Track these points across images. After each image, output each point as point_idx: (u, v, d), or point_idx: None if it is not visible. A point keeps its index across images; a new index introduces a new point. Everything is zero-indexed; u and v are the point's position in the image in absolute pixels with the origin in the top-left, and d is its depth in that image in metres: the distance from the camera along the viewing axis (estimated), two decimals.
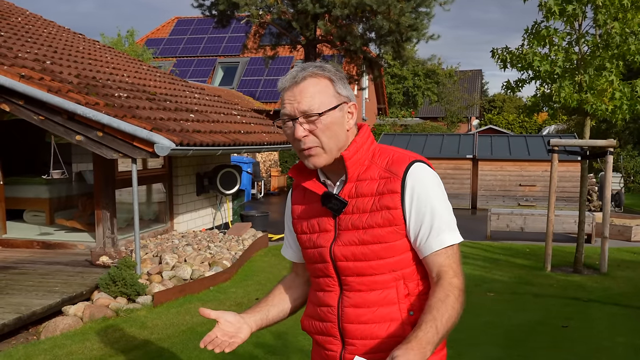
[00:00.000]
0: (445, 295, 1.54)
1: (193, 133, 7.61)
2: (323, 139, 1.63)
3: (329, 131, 1.63)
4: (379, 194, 1.63)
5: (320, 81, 1.64)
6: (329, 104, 1.63)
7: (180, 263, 7.15)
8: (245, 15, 14.71)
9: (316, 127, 1.62)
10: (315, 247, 1.74)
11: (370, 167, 1.67)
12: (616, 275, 7.52)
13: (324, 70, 1.66)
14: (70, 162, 9.37)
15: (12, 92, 6.51)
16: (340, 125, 1.65)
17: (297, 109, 1.62)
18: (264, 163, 19.20)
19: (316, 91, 1.62)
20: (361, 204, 1.65)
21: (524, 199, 14.66)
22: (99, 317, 5.55)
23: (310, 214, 1.77)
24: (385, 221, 1.61)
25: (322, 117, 1.61)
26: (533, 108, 8.11)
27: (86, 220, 8.54)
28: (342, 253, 1.67)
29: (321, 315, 1.75)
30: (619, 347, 4.94)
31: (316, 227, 1.75)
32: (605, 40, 7.13)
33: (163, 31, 27.34)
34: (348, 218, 1.67)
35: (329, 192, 1.70)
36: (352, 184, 1.67)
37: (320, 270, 1.74)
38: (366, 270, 1.65)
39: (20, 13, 11.04)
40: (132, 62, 11.39)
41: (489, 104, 46.75)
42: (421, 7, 14.08)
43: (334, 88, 1.65)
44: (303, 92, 1.62)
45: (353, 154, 1.67)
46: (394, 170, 1.63)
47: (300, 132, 1.62)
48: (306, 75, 1.63)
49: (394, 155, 1.68)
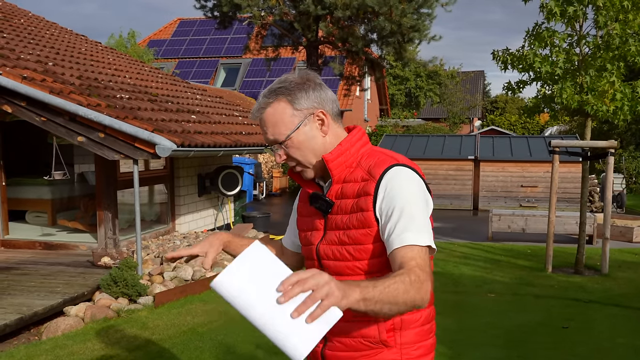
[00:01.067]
0: (400, 274, 1.44)
1: (194, 134, 7.63)
2: (298, 157, 1.70)
3: (302, 148, 1.69)
4: (357, 196, 1.66)
5: (276, 108, 1.68)
6: (291, 125, 1.67)
7: (181, 264, 7.16)
8: (248, 16, 14.72)
9: (288, 149, 1.69)
10: (308, 244, 1.82)
11: (357, 169, 1.70)
12: (617, 277, 7.51)
13: (277, 94, 1.68)
14: (72, 163, 9.40)
15: (14, 94, 6.54)
16: (312, 137, 1.70)
17: (268, 139, 1.71)
18: (266, 164, 19.22)
19: (275, 120, 1.68)
20: (344, 205, 1.69)
21: (525, 200, 14.65)
22: (100, 317, 5.57)
23: (308, 213, 1.84)
24: (359, 223, 1.64)
25: (288, 141, 1.68)
26: (534, 109, 8.12)
27: (88, 221, 8.56)
28: (325, 252, 1.73)
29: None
30: (619, 348, 4.94)
31: (310, 225, 1.82)
32: (606, 41, 7.13)
33: (165, 32, 27.39)
34: (334, 218, 1.72)
35: (316, 192, 1.75)
36: (338, 185, 1.71)
37: (311, 267, 1.76)
38: (344, 270, 1.69)
39: (23, 14, 11.08)
40: (134, 64, 11.42)
41: (491, 105, 46.71)
42: (423, 8, 14.07)
43: (292, 107, 1.67)
44: (265, 124, 1.69)
45: (336, 157, 1.70)
46: (374, 173, 1.65)
47: (278, 158, 1.72)
48: (260, 108, 1.70)
49: (378, 158, 1.69)
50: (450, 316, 5.70)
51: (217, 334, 5.22)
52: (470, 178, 14.91)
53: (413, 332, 1.69)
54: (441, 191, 14.79)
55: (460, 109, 34.48)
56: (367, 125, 28.79)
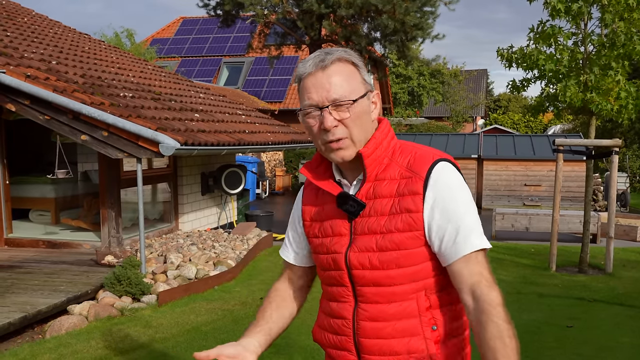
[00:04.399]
0: (498, 332, 1.38)
1: (198, 133, 7.63)
2: (354, 129, 1.48)
3: (360, 121, 1.49)
4: (399, 195, 1.48)
5: (348, 66, 1.50)
6: (359, 91, 1.49)
7: (185, 262, 7.17)
8: (250, 15, 14.71)
9: (348, 116, 1.46)
10: (329, 252, 1.58)
11: (390, 165, 1.53)
12: (621, 276, 7.49)
13: (350, 55, 1.51)
14: (75, 162, 9.40)
15: (18, 92, 6.55)
16: (368, 115, 1.51)
17: (327, 97, 1.45)
18: (269, 163, 19.22)
19: (346, 77, 1.48)
20: (379, 206, 1.50)
21: (529, 199, 14.63)
22: (104, 316, 5.57)
23: (324, 216, 1.62)
24: (405, 225, 1.47)
25: (355, 104, 1.46)
26: (538, 108, 8.09)
27: (91, 219, 8.57)
28: (358, 260, 1.51)
29: (335, 328, 1.61)
30: (624, 347, 4.92)
31: (329, 230, 1.59)
32: (611, 39, 7.11)
33: (168, 31, 27.40)
34: (365, 221, 1.52)
35: (345, 192, 1.55)
36: (370, 184, 1.53)
37: (334, 279, 1.59)
38: (383, 280, 1.49)
39: (27, 13, 11.09)
40: (137, 62, 11.42)
41: (494, 103, 46.65)
42: (426, 7, 14.04)
43: (360, 74, 1.51)
44: (331, 78, 1.46)
45: (372, 151, 1.51)
46: (416, 169, 1.49)
47: (330, 122, 1.45)
48: (334, 59, 1.47)
49: (416, 153, 1.53)
50: None
51: (221, 332, 5.22)
52: (474, 177, 14.89)
53: (456, 340, 1.57)
54: None
55: (463, 107, 34.44)
56: None
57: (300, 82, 1.51)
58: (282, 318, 1.74)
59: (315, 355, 4.57)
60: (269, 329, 1.69)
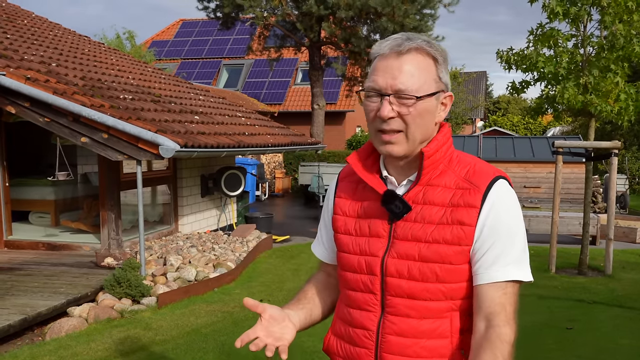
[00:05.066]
0: (493, 357, 1.29)
1: (198, 135, 7.63)
2: (411, 126, 1.38)
3: (420, 119, 1.38)
4: (453, 206, 1.38)
5: (425, 59, 1.39)
6: (429, 88, 1.38)
7: (184, 264, 7.17)
8: (250, 17, 14.74)
9: (408, 111, 1.37)
10: (362, 254, 1.46)
11: (446, 172, 1.43)
12: (621, 277, 7.49)
13: (432, 47, 1.40)
14: (75, 164, 9.40)
15: (18, 94, 6.55)
16: (432, 115, 1.41)
17: (392, 85, 1.36)
18: (269, 165, 19.23)
19: (419, 70, 1.37)
20: (428, 213, 1.40)
21: (528, 201, 14.63)
22: (103, 318, 5.57)
23: (361, 213, 1.50)
24: (454, 238, 1.37)
25: (419, 102, 1.36)
26: (538, 109, 8.10)
27: (91, 221, 8.57)
28: (396, 267, 1.40)
29: (354, 339, 1.49)
30: (623, 349, 4.92)
31: (366, 229, 1.47)
32: (610, 41, 7.12)
33: (168, 33, 27.44)
34: (408, 226, 1.41)
35: (392, 191, 1.44)
36: (420, 188, 1.42)
37: (362, 283, 1.46)
38: (420, 293, 1.38)
39: (26, 15, 11.10)
40: (137, 64, 11.43)
41: (493, 105, 46.70)
42: (425, 9, 14.08)
43: (436, 71, 1.40)
44: (403, 66, 1.36)
45: (434, 152, 1.41)
46: (475, 181, 1.39)
47: (387, 112, 1.36)
48: (412, 48, 1.37)
49: (475, 164, 1.43)
50: None
51: (221, 334, 5.22)
52: None
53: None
54: None
55: (463, 109, 34.47)
56: None
57: (372, 61, 1.42)
58: (324, 303, 1.63)
59: (315, 357, 4.56)
60: (310, 309, 1.59)
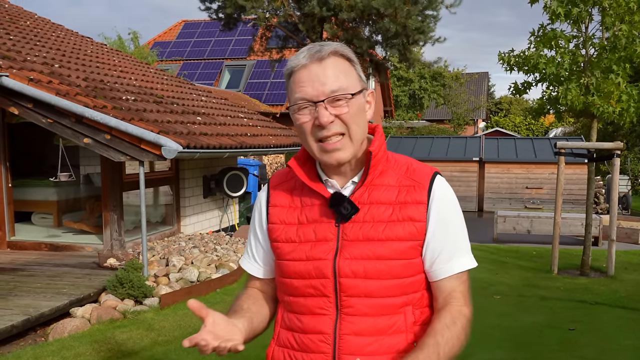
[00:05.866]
0: (452, 322, 1.38)
1: (200, 136, 7.65)
2: (352, 126, 1.36)
3: (358, 117, 1.37)
4: (400, 203, 1.41)
5: (344, 61, 1.40)
6: (355, 86, 1.38)
7: (187, 265, 7.18)
8: (252, 18, 14.75)
9: (347, 111, 1.35)
10: (309, 259, 1.43)
11: (386, 172, 1.45)
12: (623, 278, 7.49)
13: (346, 49, 1.41)
14: (78, 165, 9.42)
15: (21, 95, 6.57)
16: (365, 113, 1.42)
17: (323, 91, 1.34)
18: (271, 165, 19.24)
19: (342, 71, 1.38)
20: (376, 212, 1.41)
21: (530, 202, 14.62)
22: (106, 319, 5.58)
23: (302, 219, 1.48)
24: (407, 234, 1.40)
25: (353, 98, 1.36)
26: (540, 110, 8.10)
27: (94, 222, 8.58)
28: (351, 268, 1.39)
29: (308, 345, 1.45)
30: (625, 350, 4.92)
31: (311, 235, 1.45)
32: (612, 42, 7.12)
33: (170, 34, 27.46)
34: (358, 227, 1.41)
35: (340, 193, 1.43)
36: (365, 189, 1.43)
37: (313, 288, 1.43)
38: (377, 291, 1.40)
39: (29, 17, 11.13)
40: (139, 65, 11.45)
41: (495, 106, 46.68)
42: (428, 10, 14.08)
43: (355, 70, 1.42)
44: (328, 70, 1.35)
45: (378, 151, 1.43)
46: (417, 179, 1.44)
47: (326, 117, 1.33)
48: (330, 52, 1.37)
49: (412, 163, 1.48)
50: None
51: None
52: (475, 179, 14.90)
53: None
54: None
55: (465, 110, 34.46)
56: None
57: (291, 76, 1.39)
58: (261, 314, 1.58)
59: None
60: (250, 317, 1.52)
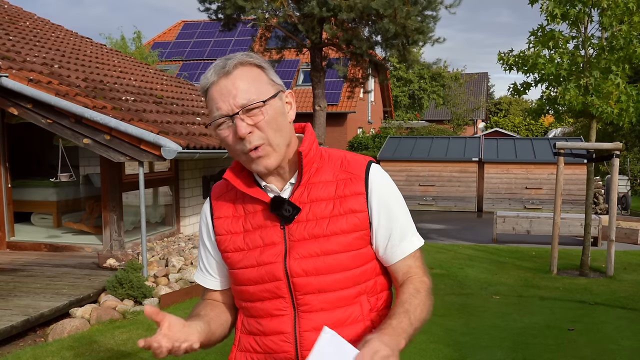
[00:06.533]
0: (416, 291, 1.45)
1: (199, 136, 7.66)
2: (269, 133, 1.39)
3: (275, 123, 1.40)
4: (340, 197, 1.45)
5: (252, 69, 1.42)
6: (268, 92, 1.41)
7: (186, 266, 7.18)
8: (252, 18, 14.76)
9: (262, 118, 1.38)
10: (260, 264, 1.47)
11: (322, 168, 1.48)
12: (623, 279, 7.49)
13: (252, 57, 1.44)
14: (77, 165, 9.43)
15: (20, 96, 6.58)
16: (283, 116, 1.44)
17: (235, 103, 1.37)
18: None
19: (251, 80, 1.40)
20: (318, 209, 1.44)
21: (530, 202, 14.63)
22: (106, 319, 5.59)
23: (248, 227, 1.51)
24: (351, 226, 1.44)
25: (266, 105, 1.39)
26: (539, 111, 8.11)
27: (93, 223, 8.59)
28: (302, 267, 1.43)
29: (270, 346, 1.49)
30: (625, 350, 4.92)
31: (258, 240, 1.48)
32: (610, 42, 7.13)
33: (170, 35, 27.48)
34: (302, 226, 1.44)
35: (280, 197, 1.46)
36: (303, 188, 1.46)
37: (268, 292, 1.47)
38: (330, 286, 1.43)
39: (29, 17, 11.13)
40: (139, 66, 11.46)
41: (494, 106, 46.72)
42: (427, 11, 14.08)
43: (266, 76, 1.44)
44: (236, 82, 1.38)
45: (309, 150, 1.46)
46: (353, 170, 1.48)
47: (244, 129, 1.37)
48: (236, 64, 1.40)
49: (345, 155, 1.52)
50: (455, 318, 5.71)
51: None
52: (475, 180, 14.90)
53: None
54: (445, 193, 14.79)
55: (464, 110, 34.49)
56: (372, 127, 28.81)
57: (206, 94, 1.43)
58: (220, 318, 1.59)
59: None
60: (207, 321, 1.52)
